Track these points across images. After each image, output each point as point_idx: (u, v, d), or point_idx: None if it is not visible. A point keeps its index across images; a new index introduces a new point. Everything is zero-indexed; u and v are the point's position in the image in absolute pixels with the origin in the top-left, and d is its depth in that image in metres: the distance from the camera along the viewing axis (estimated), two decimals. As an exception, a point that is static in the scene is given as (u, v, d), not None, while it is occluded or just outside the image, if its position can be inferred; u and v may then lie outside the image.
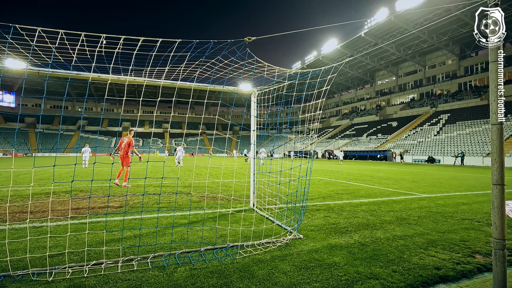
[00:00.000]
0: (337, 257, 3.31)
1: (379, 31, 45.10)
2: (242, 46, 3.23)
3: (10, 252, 3.28)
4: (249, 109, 5.86)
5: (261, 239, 3.85)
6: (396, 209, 6.05)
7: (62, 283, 2.63)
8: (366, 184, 10.79)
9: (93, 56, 3.24)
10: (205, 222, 4.80)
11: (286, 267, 3.03)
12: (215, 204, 6.30)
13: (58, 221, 4.74)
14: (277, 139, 69.79)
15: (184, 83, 4.07)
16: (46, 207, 5.74)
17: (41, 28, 2.65)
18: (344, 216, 5.38)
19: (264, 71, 4.30)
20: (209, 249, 3.53)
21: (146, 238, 3.93)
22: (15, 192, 7.76)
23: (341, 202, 6.82)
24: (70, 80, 3.74)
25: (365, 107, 68.87)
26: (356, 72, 62.99)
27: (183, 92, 53.30)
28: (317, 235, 4.13)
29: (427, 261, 3.26)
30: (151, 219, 4.99)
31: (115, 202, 6.54)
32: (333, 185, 10.37)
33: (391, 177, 13.84)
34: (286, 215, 5.15)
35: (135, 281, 2.70)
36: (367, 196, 7.76)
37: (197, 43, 3.00)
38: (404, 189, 9.45)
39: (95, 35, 2.86)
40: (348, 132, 61.84)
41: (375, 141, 50.68)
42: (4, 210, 5.43)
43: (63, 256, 3.19)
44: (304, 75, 4.38)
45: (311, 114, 4.48)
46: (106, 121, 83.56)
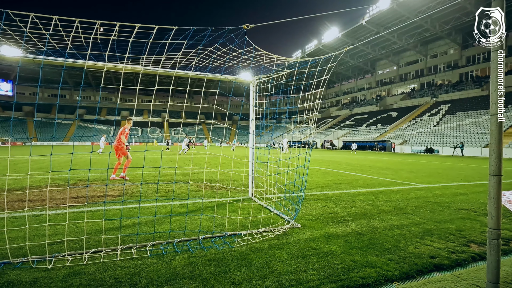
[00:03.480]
0: (334, 246, 3.35)
1: (381, 19, 44.41)
2: (241, 34, 3.17)
3: (10, 240, 3.31)
4: (248, 99, 5.81)
5: (259, 228, 3.89)
6: (394, 199, 6.10)
7: (62, 270, 2.66)
8: (365, 174, 10.84)
9: (89, 43, 3.18)
10: (203, 211, 4.83)
11: (284, 256, 3.07)
12: (213, 194, 6.34)
13: (58, 210, 4.76)
14: (277, 129, 69.69)
15: (182, 72, 4.01)
16: (45, 196, 5.76)
17: (34, 14, 2.58)
18: (342, 205, 5.42)
19: (263, 59, 4.23)
20: (208, 237, 3.57)
21: (145, 227, 3.96)
22: (14, 180, 7.78)
23: (339, 192, 6.86)
24: (66, 68, 3.68)
25: (365, 97, 68.53)
26: (357, 62, 62.37)
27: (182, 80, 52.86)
28: (314, 224, 4.17)
29: (423, 250, 3.30)
30: (150, 208, 5.03)
31: (114, 191, 6.57)
32: (332, 175, 10.42)
33: (390, 167, 13.90)
34: (284, 205, 5.19)
35: (134, 268, 2.74)
36: (365, 186, 7.80)
37: (195, 30, 2.95)
38: (402, 179, 9.51)
39: (90, 21, 2.80)
40: (347, 122, 61.74)
41: (374, 131, 50.67)
42: (4, 198, 5.45)
43: (62, 244, 3.22)
44: (304, 64, 4.32)
45: (310, 104, 4.45)
46: (104, 110, 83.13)
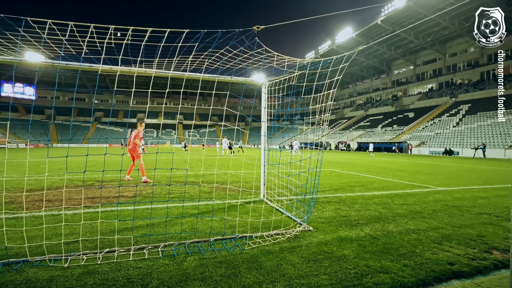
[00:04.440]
0: (347, 250, 3.27)
1: (396, 18, 43.45)
2: (251, 35, 3.16)
3: (29, 238, 3.43)
4: (260, 100, 5.80)
5: (270, 231, 3.86)
6: (410, 202, 5.91)
7: (77, 269, 2.73)
8: (380, 176, 10.59)
9: (103, 48, 3.26)
10: (215, 213, 4.85)
11: (295, 259, 3.02)
12: (225, 195, 6.35)
13: (75, 210, 4.91)
14: (289, 130, 69.35)
15: (193, 74, 4.05)
16: (63, 196, 5.95)
17: (52, 20, 2.68)
18: (356, 208, 5.30)
19: (274, 61, 4.21)
20: (219, 239, 3.57)
21: (157, 228, 4.01)
22: (36, 181, 8.09)
23: (353, 195, 6.73)
24: (83, 72, 3.80)
25: (381, 98, 67.11)
26: (372, 62, 61.20)
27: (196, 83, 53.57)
28: (327, 228, 4.09)
29: (441, 256, 3.17)
30: (162, 209, 5.09)
31: (128, 192, 6.71)
32: (346, 177, 10.24)
33: (406, 169, 13.51)
34: (296, 207, 5.13)
35: (146, 269, 2.77)
36: (380, 189, 7.61)
37: (205, 33, 2.97)
38: (419, 181, 9.22)
39: (104, 26, 2.87)
40: (362, 123, 60.63)
41: (390, 132, 49.51)
42: (25, 198, 5.67)
43: (78, 243, 3.31)
44: (316, 65, 4.27)
45: (323, 105, 4.39)
46: (121, 112, 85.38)
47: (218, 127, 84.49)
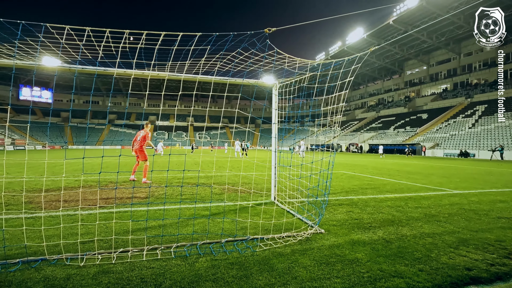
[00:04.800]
0: (360, 253, 3.22)
1: (409, 17, 42.73)
2: (262, 37, 3.18)
3: (47, 237, 3.53)
4: (270, 102, 5.80)
5: (282, 233, 3.84)
6: (425, 206, 5.78)
7: (92, 269, 2.79)
8: (392, 178, 10.39)
9: (118, 51, 3.34)
10: (226, 214, 4.87)
11: (307, 262, 3.00)
12: (236, 197, 6.37)
13: (90, 210, 5.02)
14: (300, 132, 69.02)
15: (205, 77, 4.09)
16: (79, 197, 6.11)
17: (69, 26, 2.77)
18: (368, 211, 5.22)
19: (285, 63, 4.21)
20: (230, 240, 3.58)
21: (169, 228, 4.06)
22: (52, 182, 8.33)
23: (365, 197, 6.63)
24: (98, 75, 3.89)
25: (393, 99, 65.99)
26: (383, 62, 60.31)
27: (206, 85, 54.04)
28: (339, 230, 4.05)
29: (458, 261, 3.08)
30: (174, 210, 5.15)
31: (141, 193, 6.82)
32: (357, 179, 10.10)
33: (420, 172, 13.21)
34: (307, 209, 5.09)
35: (159, 269, 2.81)
36: (393, 191, 7.47)
37: (217, 36, 3.00)
38: (433, 184, 9.00)
39: (119, 31, 2.95)
40: (374, 125, 59.74)
41: (403, 134, 48.59)
42: (43, 198, 5.85)
43: (93, 243, 3.38)
44: (327, 66, 4.24)
45: (334, 107, 4.35)
46: (134, 115, 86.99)
47: (229, 129, 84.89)
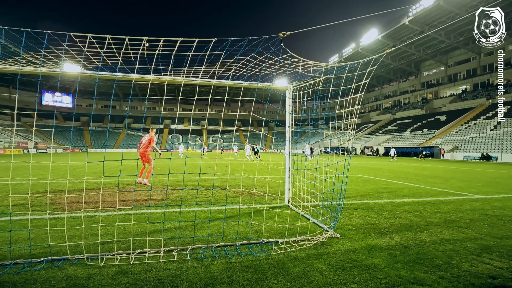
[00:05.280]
0: (377, 259, 3.16)
1: (425, 17, 41.72)
2: (277, 42, 3.20)
3: (69, 238, 3.66)
4: (284, 105, 5.81)
5: (296, 237, 3.82)
6: (444, 211, 5.59)
7: (112, 269, 2.87)
8: (410, 182, 10.12)
9: (136, 58, 3.45)
10: (240, 217, 4.89)
11: (322, 266, 2.97)
12: (250, 200, 6.39)
13: (108, 212, 5.17)
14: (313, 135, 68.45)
15: (220, 81, 4.15)
16: (98, 198, 6.30)
17: (92, 34, 2.89)
18: (385, 216, 5.11)
19: (299, 66, 4.21)
20: (245, 244, 3.59)
21: (185, 231, 4.12)
22: (73, 184, 8.62)
23: (382, 201, 6.49)
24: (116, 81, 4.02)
25: (409, 101, 64.41)
26: (399, 63, 59.03)
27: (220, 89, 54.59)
28: (355, 235, 3.98)
29: (480, 268, 2.97)
30: (189, 212, 5.22)
31: (157, 195, 6.95)
32: (373, 183, 9.90)
33: (439, 176, 12.80)
34: (322, 213, 5.04)
35: (175, 270, 2.85)
36: (411, 196, 7.28)
37: (232, 41, 3.05)
38: (453, 188, 8.70)
39: (137, 38, 3.05)
40: (389, 127, 58.46)
41: (420, 136, 47.27)
42: (63, 200, 6.07)
43: (112, 243, 3.48)
44: (342, 69, 4.21)
45: (349, 109, 4.31)
46: (149, 119, 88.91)
47: (242, 132, 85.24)
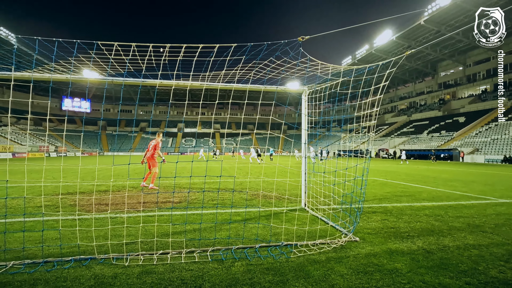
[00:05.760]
0: (399, 263, 3.11)
1: (442, 17, 40.68)
2: (296, 46, 3.23)
3: (94, 238, 3.79)
4: (296, 108, 5.81)
5: (315, 240, 3.81)
6: (467, 215, 5.43)
7: (136, 269, 2.96)
8: (429, 186, 9.86)
9: (158, 64, 3.56)
10: (257, 220, 4.91)
11: (343, 270, 2.95)
12: (266, 203, 6.41)
13: (129, 213, 5.31)
14: (327, 138, 67.72)
15: (240, 85, 4.22)
16: (118, 200, 6.48)
17: (118, 43, 3.02)
18: (405, 220, 5.01)
19: (318, 69, 4.23)
20: (264, 246, 3.61)
21: (204, 232, 4.18)
22: (93, 186, 8.90)
23: (400, 205, 6.36)
24: (129, 86, 4.16)
25: (426, 102, 62.79)
26: (415, 64, 57.72)
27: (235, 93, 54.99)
28: (374, 239, 3.93)
29: (510, 275, 2.87)
30: (207, 214, 5.29)
31: (175, 198, 7.08)
32: (390, 186, 9.71)
33: (459, 179, 12.41)
34: (340, 217, 5.00)
35: (197, 271, 2.91)
36: (431, 199, 7.10)
37: (252, 46, 3.11)
38: (475, 192, 8.41)
39: (160, 45, 3.15)
40: (405, 129, 57.13)
41: (438, 138, 45.94)
42: (87, 202, 6.29)
43: (135, 244, 3.58)
44: (360, 71, 4.19)
45: (367, 112, 4.28)
46: (163, 122, 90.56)
47: (254, 135, 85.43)
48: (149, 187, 8.44)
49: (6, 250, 3.37)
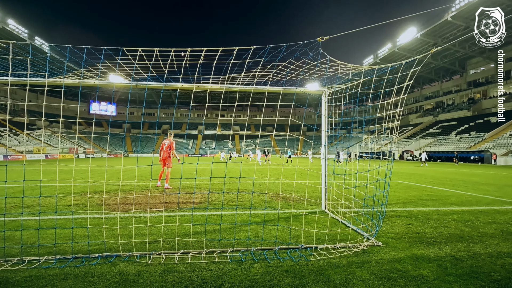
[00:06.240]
0: (425, 270, 2.98)
1: (470, 12, 38.63)
2: (315, 46, 3.20)
3: (118, 236, 3.94)
4: (315, 109, 5.74)
5: (336, 243, 3.74)
6: (500, 221, 5.10)
7: (158, 267, 3.04)
8: (457, 189, 9.37)
9: (180, 68, 3.66)
10: (276, 222, 4.89)
11: (365, 275, 2.87)
12: (285, 205, 6.37)
13: (151, 213, 5.48)
14: (348, 139, 66.27)
15: (259, 87, 4.24)
16: (141, 200, 6.70)
17: (142, 48, 3.14)
18: (431, 225, 4.80)
19: (338, 69, 4.16)
20: (283, 248, 3.59)
21: (223, 233, 4.23)
22: (118, 186, 9.27)
23: (426, 209, 6.10)
24: (152, 90, 4.30)
25: (453, 101, 59.86)
26: (441, 62, 55.24)
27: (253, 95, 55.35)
28: (398, 244, 3.79)
29: (549, 286, 2.66)
30: (226, 215, 5.34)
31: (196, 198, 7.21)
32: (415, 189, 9.33)
33: (491, 183, 11.69)
34: (362, 220, 4.87)
35: (217, 271, 2.94)
36: (459, 204, 6.74)
37: (271, 47, 3.12)
38: (510, 197, 7.89)
39: (181, 49, 3.24)
40: (431, 130, 54.74)
41: (467, 140, 43.61)
42: (112, 201, 6.55)
43: (157, 243, 3.69)
44: (382, 71, 4.08)
45: (390, 113, 4.15)
46: (184, 125, 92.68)
47: (273, 137, 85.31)
48: (166, 187, 8.66)
49: (40, 245, 3.59)
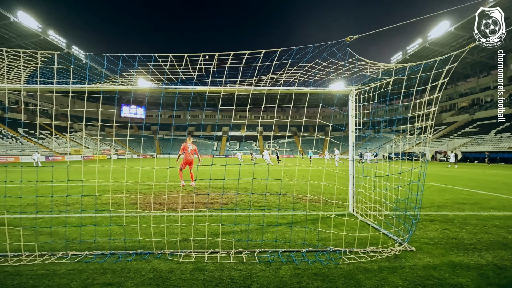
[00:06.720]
0: (464, 279, 2.82)
1: None
2: (343, 46, 3.15)
3: (151, 234, 4.12)
4: (341, 109, 5.62)
5: (366, 247, 3.64)
6: (550, 228, 4.68)
7: (189, 265, 3.14)
8: (498, 193, 8.73)
9: (208, 72, 3.76)
10: (303, 224, 4.86)
11: (398, 281, 2.77)
12: (312, 207, 6.30)
13: (181, 213, 5.66)
14: (376, 139, 64.03)
15: (286, 89, 4.25)
16: (170, 200, 6.95)
17: (173, 54, 3.27)
18: (469, 230, 4.52)
19: (366, 68, 4.06)
20: (311, 251, 3.56)
21: (251, 234, 4.27)
22: (149, 186, 9.67)
23: (463, 214, 5.74)
24: (180, 93, 4.43)
25: (492, 98, 55.70)
26: (478, 57, 51.68)
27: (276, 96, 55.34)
28: (433, 250, 3.62)
29: None
30: (253, 216, 5.39)
31: (222, 199, 7.34)
32: (450, 192, 8.82)
33: (538, 186, 10.74)
34: (393, 224, 4.69)
35: (246, 272, 2.98)
36: (501, 209, 6.28)
37: (298, 49, 3.12)
38: (560, 202, 7.21)
39: (211, 54, 3.34)
40: (467, 129, 51.37)
41: (508, 139, 40.41)
42: (143, 200, 6.85)
43: (187, 242, 3.81)
44: (414, 69, 3.91)
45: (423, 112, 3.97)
46: (209, 126, 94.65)
47: (297, 138, 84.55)
48: (190, 185, 9.83)
49: (81, 241, 3.85)
